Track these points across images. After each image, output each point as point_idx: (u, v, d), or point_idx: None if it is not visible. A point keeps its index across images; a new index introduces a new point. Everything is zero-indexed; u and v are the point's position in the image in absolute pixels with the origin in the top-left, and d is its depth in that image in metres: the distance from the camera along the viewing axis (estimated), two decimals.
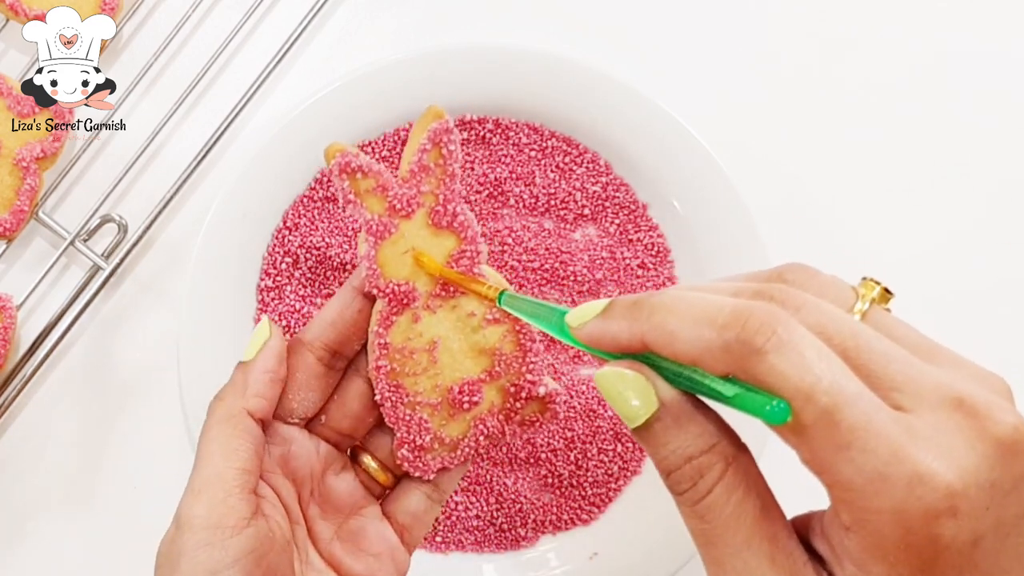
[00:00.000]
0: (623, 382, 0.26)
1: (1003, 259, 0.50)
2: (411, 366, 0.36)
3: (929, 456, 0.22)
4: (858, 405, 0.23)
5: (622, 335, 0.27)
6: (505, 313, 0.36)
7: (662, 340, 0.25)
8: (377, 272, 0.35)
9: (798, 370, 0.23)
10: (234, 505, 0.31)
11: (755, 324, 0.24)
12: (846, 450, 0.23)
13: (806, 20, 0.51)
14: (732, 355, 0.24)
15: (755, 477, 0.26)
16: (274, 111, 0.48)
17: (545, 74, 0.46)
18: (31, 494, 0.46)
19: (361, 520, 0.37)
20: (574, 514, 0.46)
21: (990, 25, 0.52)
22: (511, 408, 0.37)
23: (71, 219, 0.46)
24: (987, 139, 0.51)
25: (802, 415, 0.23)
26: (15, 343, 0.45)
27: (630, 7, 0.51)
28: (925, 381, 0.24)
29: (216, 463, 0.32)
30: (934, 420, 0.23)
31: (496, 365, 0.36)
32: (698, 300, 0.25)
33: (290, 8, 0.49)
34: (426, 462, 0.37)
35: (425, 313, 0.36)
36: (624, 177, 0.47)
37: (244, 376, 0.34)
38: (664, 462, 0.26)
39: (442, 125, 0.34)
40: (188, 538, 0.31)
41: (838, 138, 0.50)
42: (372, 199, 0.34)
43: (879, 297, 0.26)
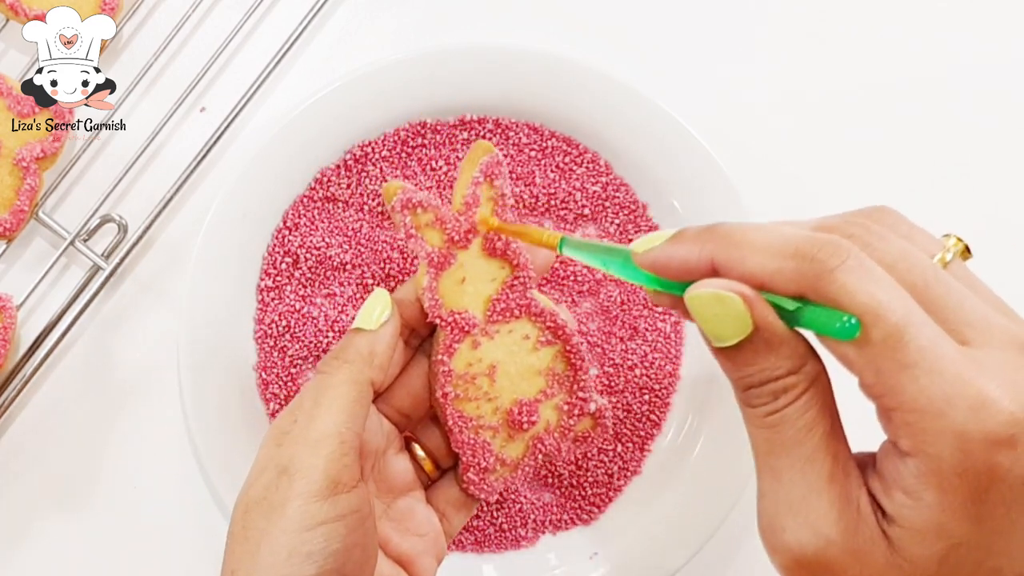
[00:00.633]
0: (720, 304, 0.26)
1: (1003, 259, 0.50)
2: (473, 391, 0.37)
3: (993, 384, 0.23)
4: (925, 328, 0.23)
5: (691, 256, 0.27)
6: (555, 333, 0.38)
7: (733, 261, 0.26)
8: (439, 302, 0.36)
9: (869, 289, 0.24)
10: (349, 465, 0.32)
11: (829, 249, 0.24)
12: (912, 369, 0.23)
13: (806, 20, 0.51)
14: (804, 276, 0.25)
15: (830, 399, 0.26)
16: (274, 111, 0.48)
17: (545, 74, 0.46)
18: (31, 494, 0.46)
19: (410, 501, 0.38)
20: (574, 514, 0.46)
21: (991, 25, 0.52)
22: (566, 425, 0.39)
23: (71, 219, 0.46)
24: (988, 139, 0.51)
25: (871, 332, 0.23)
26: (15, 343, 0.45)
27: (630, 7, 0.51)
28: (996, 323, 0.24)
29: (338, 421, 0.33)
30: (1001, 356, 0.24)
31: (550, 384, 0.38)
32: (771, 227, 0.26)
33: (290, 8, 0.49)
34: (490, 483, 0.38)
35: (484, 339, 0.37)
36: (624, 177, 0.47)
37: (371, 347, 0.35)
38: (746, 379, 0.26)
39: (493, 159, 0.37)
40: (300, 486, 0.31)
41: (838, 138, 0.50)
42: (431, 232, 0.36)
43: (960, 252, 0.27)
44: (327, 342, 0.45)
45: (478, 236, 0.37)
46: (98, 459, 0.47)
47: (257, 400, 0.45)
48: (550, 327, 0.38)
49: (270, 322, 0.45)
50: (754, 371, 0.26)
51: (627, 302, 0.46)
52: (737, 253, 0.26)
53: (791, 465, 0.26)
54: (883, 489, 0.25)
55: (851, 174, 0.50)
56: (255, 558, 0.31)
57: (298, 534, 0.30)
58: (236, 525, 0.32)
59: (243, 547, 0.31)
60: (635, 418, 0.46)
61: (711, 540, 0.44)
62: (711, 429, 0.45)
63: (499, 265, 0.37)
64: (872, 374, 0.24)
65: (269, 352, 0.45)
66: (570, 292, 0.46)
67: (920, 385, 0.23)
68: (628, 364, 0.46)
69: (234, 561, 0.31)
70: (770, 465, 0.26)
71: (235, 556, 0.31)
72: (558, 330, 0.38)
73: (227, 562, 0.32)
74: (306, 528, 0.30)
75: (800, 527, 0.25)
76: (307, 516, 0.31)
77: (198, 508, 0.46)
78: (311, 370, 0.45)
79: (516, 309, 0.37)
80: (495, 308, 0.37)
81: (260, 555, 0.30)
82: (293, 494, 0.31)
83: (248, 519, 0.32)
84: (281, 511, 0.31)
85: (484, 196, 0.37)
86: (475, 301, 0.37)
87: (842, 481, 0.25)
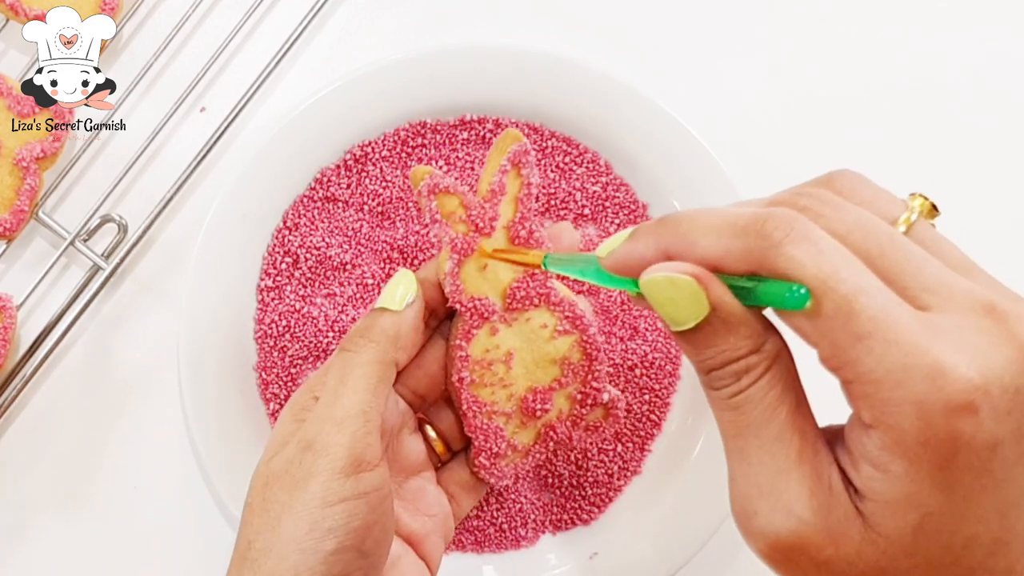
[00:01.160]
0: (674, 288, 0.25)
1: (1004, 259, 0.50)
2: (489, 377, 0.38)
3: (950, 350, 0.22)
4: (877, 297, 0.23)
5: (648, 252, 0.27)
6: (572, 323, 0.38)
7: (684, 248, 0.26)
8: (460, 288, 0.37)
9: (817, 259, 0.23)
10: (372, 444, 0.32)
11: (774, 223, 0.24)
12: (867, 339, 0.23)
13: (807, 20, 0.51)
14: (752, 252, 0.24)
15: (793, 376, 0.26)
16: (274, 111, 0.48)
17: (545, 74, 0.46)
18: (31, 494, 0.46)
19: (421, 481, 0.38)
20: (574, 514, 0.46)
21: (992, 24, 0.52)
22: (577, 414, 0.39)
23: (71, 219, 0.46)
24: (989, 139, 0.51)
25: (822, 303, 0.23)
26: (15, 343, 0.45)
27: (630, 7, 0.51)
28: (957, 286, 0.24)
29: (363, 400, 0.33)
30: (960, 320, 0.23)
31: (564, 374, 0.38)
32: (721, 210, 0.26)
33: (290, 8, 0.49)
34: (501, 469, 0.39)
35: (502, 326, 0.38)
36: (624, 177, 0.47)
37: (396, 327, 0.35)
38: (708, 362, 0.26)
39: (521, 147, 0.37)
40: (324, 463, 0.31)
41: (839, 138, 0.50)
42: (456, 219, 0.36)
43: (926, 212, 0.26)
44: (327, 342, 0.45)
45: (501, 224, 0.37)
46: (98, 459, 0.47)
47: (257, 400, 0.45)
48: (568, 317, 0.38)
49: (270, 322, 0.45)
50: (714, 353, 0.26)
51: (627, 302, 0.46)
52: (688, 239, 0.26)
53: (759, 446, 0.25)
54: (852, 463, 0.24)
55: None
56: (275, 530, 0.31)
57: (320, 509, 0.31)
58: (255, 497, 0.32)
59: (262, 519, 0.31)
60: (635, 418, 0.46)
61: (711, 540, 0.44)
62: (711, 429, 0.45)
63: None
64: (828, 347, 0.23)
65: (269, 352, 0.45)
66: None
67: (875, 356, 0.23)
68: (628, 364, 0.46)
69: (252, 532, 0.31)
70: (738, 447, 0.26)
71: (253, 527, 0.32)
72: (576, 320, 0.38)
73: (244, 533, 0.32)
74: (328, 504, 0.31)
75: (772, 510, 0.25)
76: (330, 492, 0.31)
77: (198, 508, 0.46)
78: (311, 370, 0.45)
79: (536, 297, 0.37)
80: (515, 296, 0.37)
81: (281, 527, 0.31)
82: (317, 470, 0.31)
83: (269, 492, 0.32)
84: (304, 486, 0.31)
85: (510, 184, 0.37)
86: (495, 288, 0.37)
87: (811, 459, 0.25)
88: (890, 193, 0.27)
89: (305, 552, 0.30)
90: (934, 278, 0.24)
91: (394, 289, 0.36)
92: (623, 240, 0.28)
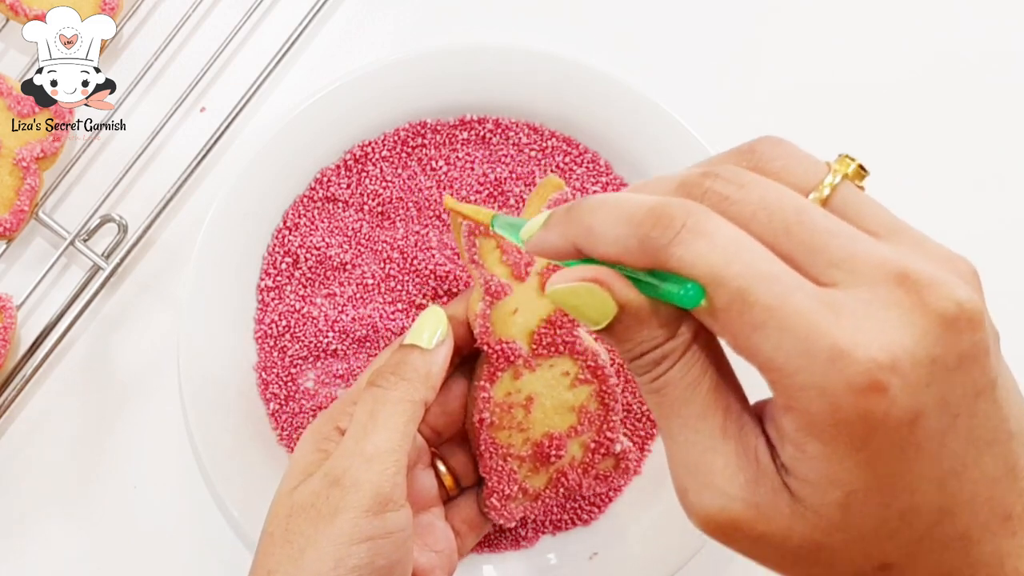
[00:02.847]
0: (576, 296, 0.26)
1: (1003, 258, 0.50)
2: (508, 420, 0.38)
3: (850, 330, 0.22)
4: (773, 284, 0.23)
5: (559, 243, 0.27)
6: (593, 373, 0.39)
7: (589, 244, 0.26)
8: (490, 330, 0.37)
9: (707, 255, 0.23)
10: (400, 483, 0.32)
11: (666, 219, 0.24)
12: (763, 329, 0.22)
13: (807, 21, 0.51)
14: (647, 251, 0.24)
15: (715, 355, 0.26)
16: (274, 111, 0.48)
17: (545, 74, 0.46)
18: (31, 494, 0.46)
19: (430, 517, 0.38)
20: (574, 514, 0.46)
21: (992, 22, 0.52)
22: (589, 462, 0.39)
23: (71, 219, 0.46)
24: (990, 138, 0.51)
25: (715, 298, 0.23)
26: (15, 343, 0.45)
27: (631, 7, 0.51)
28: (869, 257, 0.23)
29: (393, 439, 0.33)
30: (868, 295, 0.22)
31: (581, 422, 0.39)
32: (623, 200, 0.25)
33: (290, 8, 0.49)
34: (510, 511, 0.39)
35: (525, 371, 0.38)
36: (624, 177, 0.47)
37: (428, 367, 0.35)
38: (628, 353, 0.26)
39: (563, 195, 0.38)
40: (353, 499, 0.31)
41: (839, 139, 0.50)
42: (493, 261, 0.37)
43: (853, 174, 0.26)
44: (327, 342, 0.45)
45: (536, 270, 0.37)
46: (98, 459, 0.47)
47: (257, 400, 0.45)
48: (590, 367, 0.38)
49: (270, 322, 0.45)
50: (632, 345, 0.26)
51: None
52: (592, 234, 0.26)
53: (683, 425, 0.25)
54: (778, 439, 0.24)
55: None
56: (298, 563, 0.31)
57: (347, 546, 0.31)
58: (276, 526, 0.32)
59: (284, 550, 0.31)
60: (635, 418, 0.46)
61: (711, 540, 0.44)
62: None
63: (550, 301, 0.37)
64: (730, 338, 0.23)
65: (269, 352, 0.45)
66: None
67: (773, 344, 0.22)
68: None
69: (272, 562, 0.31)
70: (666, 430, 0.26)
71: (274, 557, 0.31)
72: (597, 370, 0.39)
73: (262, 562, 0.32)
74: (355, 541, 0.31)
75: (702, 487, 0.25)
76: (357, 530, 0.31)
77: (198, 508, 0.46)
78: (311, 369, 0.45)
79: (561, 345, 0.38)
80: (541, 342, 0.38)
81: (304, 561, 0.31)
82: (345, 506, 0.31)
83: (292, 523, 0.32)
84: (330, 520, 0.31)
85: None
86: (523, 332, 0.38)
87: (736, 435, 0.25)
88: (812, 157, 0.26)
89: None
90: (841, 250, 0.23)
91: (423, 325, 0.36)
92: (539, 227, 0.28)
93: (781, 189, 0.24)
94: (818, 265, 0.23)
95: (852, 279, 0.23)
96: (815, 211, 0.24)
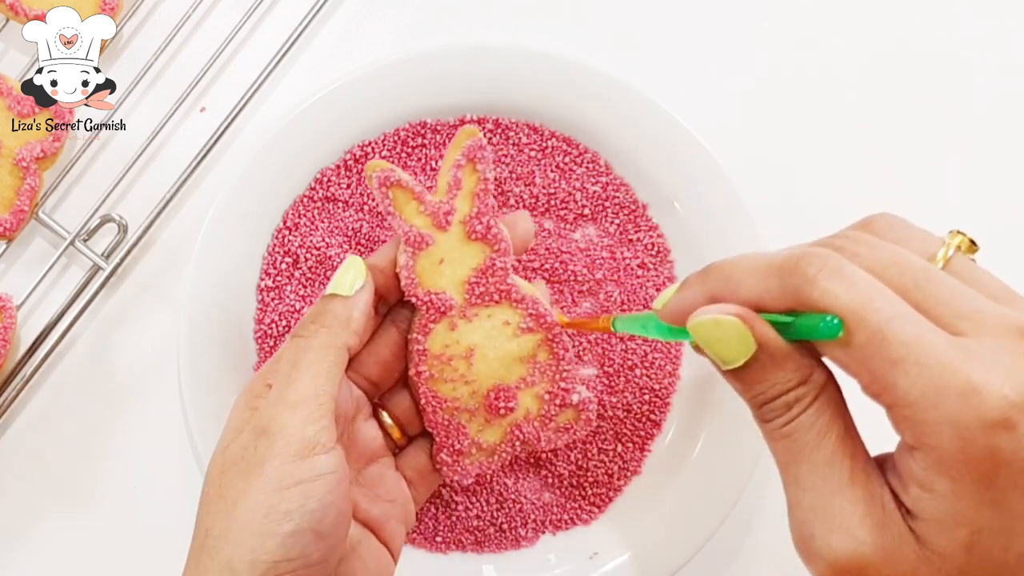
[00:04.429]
0: (719, 329, 0.27)
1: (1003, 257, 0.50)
2: (449, 372, 0.37)
3: (982, 370, 0.23)
4: (909, 324, 0.24)
5: (697, 298, 0.28)
6: (539, 322, 0.38)
7: (728, 291, 0.27)
8: (415, 281, 0.37)
9: (848, 290, 0.24)
10: (326, 426, 0.32)
11: (808, 259, 0.25)
12: (900, 364, 0.24)
13: (807, 21, 0.51)
14: (788, 289, 0.26)
15: (841, 404, 0.27)
16: (274, 111, 0.48)
17: (545, 74, 0.46)
18: (31, 494, 0.46)
19: (379, 467, 0.38)
20: (574, 514, 0.46)
21: (991, 20, 0.52)
22: (546, 415, 0.39)
23: (71, 219, 0.46)
24: (988, 133, 0.51)
25: (856, 333, 0.24)
26: (15, 343, 0.45)
27: (631, 7, 0.51)
28: (992, 311, 0.25)
29: (317, 384, 0.33)
30: (994, 343, 0.24)
31: (531, 373, 0.38)
32: (761, 254, 0.27)
33: (290, 8, 0.49)
34: (464, 467, 0.39)
35: (462, 321, 0.37)
36: (624, 177, 0.47)
37: (347, 312, 0.35)
38: (758, 397, 0.27)
39: (476, 142, 0.37)
40: (279, 447, 0.32)
41: (839, 139, 0.50)
42: (411, 212, 0.36)
43: (965, 248, 0.27)
44: None
45: (459, 219, 0.37)
46: (98, 459, 0.47)
47: None
48: (532, 315, 0.38)
49: (270, 322, 0.45)
50: (765, 387, 0.27)
51: (627, 302, 0.46)
52: (731, 283, 0.27)
53: (812, 470, 0.26)
54: (901, 486, 0.25)
55: (851, 173, 0.50)
56: (232, 516, 0.31)
57: (276, 492, 0.31)
58: (212, 485, 0.32)
59: (218, 506, 0.32)
60: (635, 418, 0.46)
61: (711, 540, 0.44)
62: (711, 429, 0.45)
63: (479, 249, 0.37)
64: (866, 375, 0.25)
65: (269, 352, 0.45)
66: (571, 292, 0.46)
67: (910, 379, 0.23)
68: (628, 364, 0.46)
69: (209, 519, 0.32)
70: (793, 475, 0.27)
71: (210, 514, 0.32)
72: (540, 319, 0.38)
73: (201, 521, 0.32)
74: (284, 487, 0.31)
75: (830, 531, 0.26)
76: (285, 475, 0.31)
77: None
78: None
79: (496, 294, 0.37)
80: (473, 291, 0.37)
81: (237, 512, 0.31)
82: (272, 453, 0.31)
83: (225, 479, 0.32)
84: (259, 470, 0.31)
85: (466, 179, 0.37)
86: (453, 283, 0.37)
87: (863, 481, 0.26)
88: (927, 231, 0.28)
89: (262, 535, 0.30)
90: (968, 305, 0.25)
91: (344, 275, 0.36)
92: (673, 291, 0.30)
93: (907, 252, 0.26)
94: (946, 316, 0.25)
95: (979, 330, 0.24)
96: (940, 272, 0.26)
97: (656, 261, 0.47)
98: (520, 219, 0.39)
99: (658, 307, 0.30)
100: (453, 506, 0.45)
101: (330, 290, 0.36)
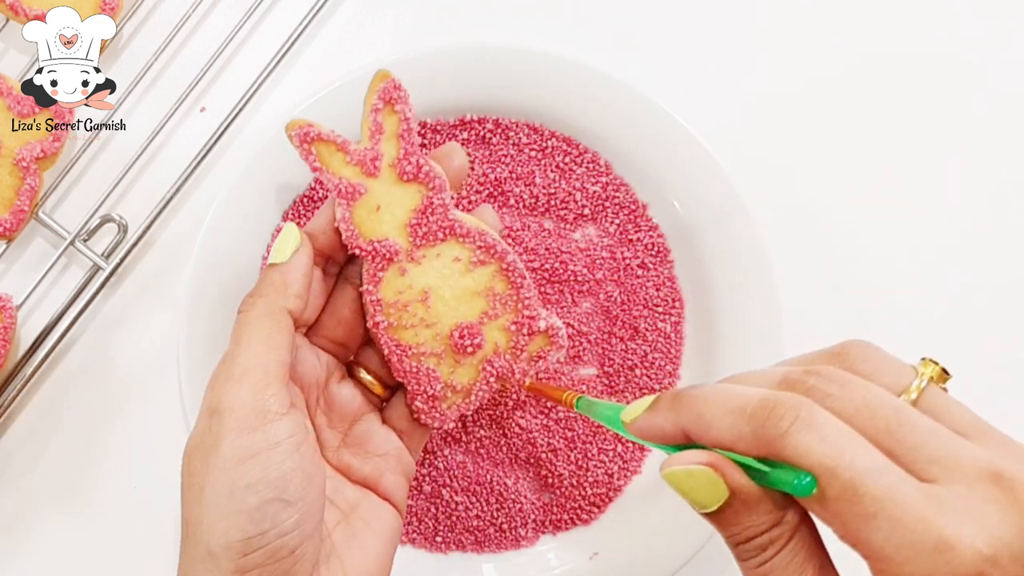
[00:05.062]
0: (692, 478, 0.27)
1: (1003, 256, 0.50)
2: (407, 318, 0.37)
3: (955, 523, 0.23)
4: (881, 477, 0.24)
5: (667, 427, 0.29)
6: (490, 253, 0.37)
7: (700, 430, 0.28)
8: (355, 232, 0.36)
9: (820, 447, 0.25)
10: (275, 393, 0.32)
11: (780, 411, 0.26)
12: (873, 520, 0.24)
13: (806, 21, 0.51)
14: (760, 440, 0.26)
15: (815, 542, 0.28)
16: (274, 111, 0.48)
17: (545, 74, 0.46)
18: (31, 494, 0.46)
19: (365, 425, 0.38)
20: (574, 514, 0.46)
21: (991, 20, 0.52)
22: (516, 345, 0.38)
23: (71, 219, 0.46)
24: (989, 135, 0.51)
25: (828, 489, 0.25)
26: (15, 343, 0.45)
27: (631, 7, 0.51)
28: (964, 455, 0.25)
29: (259, 353, 0.33)
30: (967, 491, 0.24)
31: (491, 306, 0.37)
32: (732, 392, 0.27)
33: (290, 8, 0.49)
34: (442, 412, 0.38)
35: (410, 265, 0.37)
36: (624, 177, 0.47)
37: (283, 277, 0.35)
38: (734, 538, 0.28)
39: (390, 83, 0.36)
40: (229, 422, 0.31)
41: (840, 140, 0.50)
42: (338, 164, 0.36)
43: (937, 377, 0.28)
44: None
45: (387, 164, 0.36)
46: (98, 459, 0.47)
47: None
48: (481, 247, 0.37)
49: None
50: (739, 529, 0.27)
51: (627, 302, 0.46)
52: (703, 421, 0.28)
53: None
54: None
55: (851, 173, 0.50)
56: (201, 501, 0.31)
57: (235, 468, 0.31)
58: (183, 476, 0.32)
59: (190, 495, 0.32)
60: None
61: (711, 540, 0.44)
62: None
63: (415, 190, 0.36)
64: (840, 527, 0.25)
65: None
66: (570, 292, 0.46)
67: (883, 534, 0.24)
68: (628, 364, 0.46)
69: (186, 510, 0.32)
70: None
71: (186, 505, 0.32)
72: (490, 249, 0.37)
73: (182, 513, 0.32)
74: (240, 461, 0.31)
75: None
76: (240, 449, 0.31)
77: None
78: None
79: (440, 232, 0.37)
80: (416, 233, 0.36)
81: (205, 497, 0.31)
82: (224, 431, 0.31)
83: (191, 467, 0.32)
84: (216, 451, 0.31)
85: (388, 122, 0.36)
86: (394, 228, 0.36)
87: None
88: (899, 361, 0.28)
89: (230, 514, 0.30)
90: (940, 448, 0.25)
91: (280, 244, 0.36)
92: (644, 410, 0.30)
93: (879, 390, 0.26)
94: (918, 462, 0.25)
95: (950, 476, 0.25)
96: (912, 412, 0.26)
97: (656, 261, 0.47)
98: (452, 151, 0.38)
99: (627, 420, 0.31)
100: (453, 506, 0.45)
101: (270, 261, 0.36)
